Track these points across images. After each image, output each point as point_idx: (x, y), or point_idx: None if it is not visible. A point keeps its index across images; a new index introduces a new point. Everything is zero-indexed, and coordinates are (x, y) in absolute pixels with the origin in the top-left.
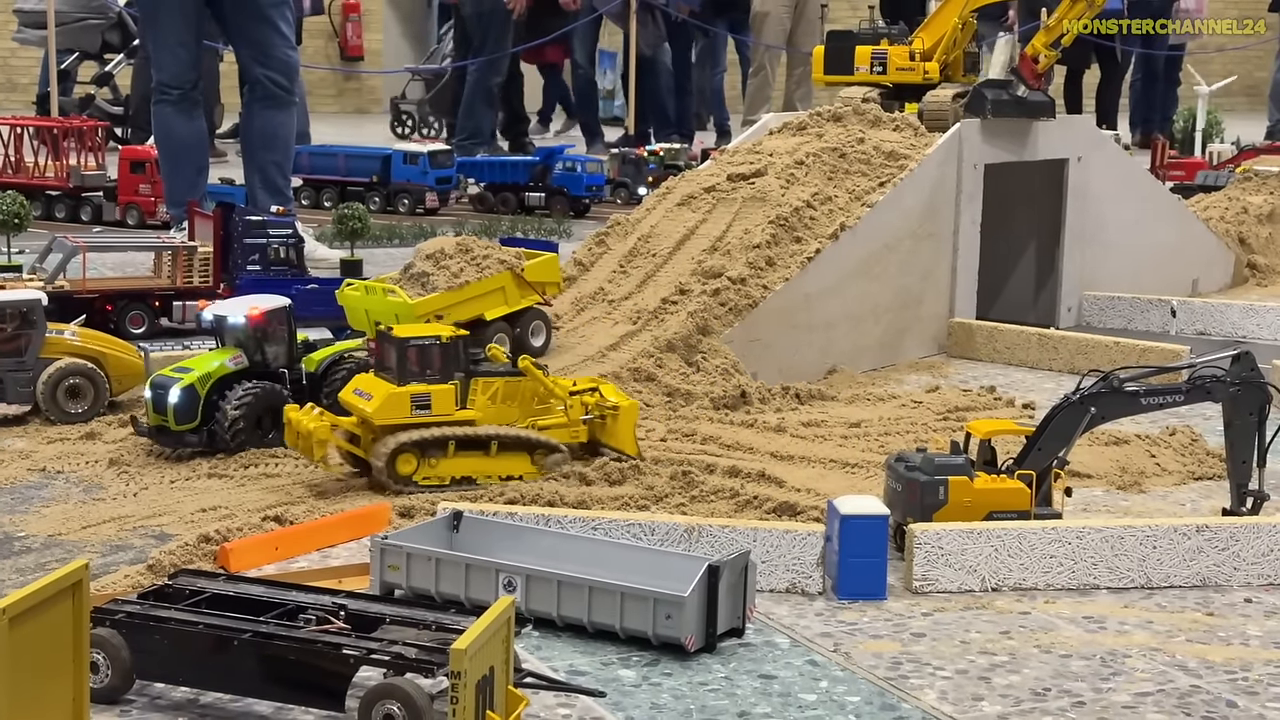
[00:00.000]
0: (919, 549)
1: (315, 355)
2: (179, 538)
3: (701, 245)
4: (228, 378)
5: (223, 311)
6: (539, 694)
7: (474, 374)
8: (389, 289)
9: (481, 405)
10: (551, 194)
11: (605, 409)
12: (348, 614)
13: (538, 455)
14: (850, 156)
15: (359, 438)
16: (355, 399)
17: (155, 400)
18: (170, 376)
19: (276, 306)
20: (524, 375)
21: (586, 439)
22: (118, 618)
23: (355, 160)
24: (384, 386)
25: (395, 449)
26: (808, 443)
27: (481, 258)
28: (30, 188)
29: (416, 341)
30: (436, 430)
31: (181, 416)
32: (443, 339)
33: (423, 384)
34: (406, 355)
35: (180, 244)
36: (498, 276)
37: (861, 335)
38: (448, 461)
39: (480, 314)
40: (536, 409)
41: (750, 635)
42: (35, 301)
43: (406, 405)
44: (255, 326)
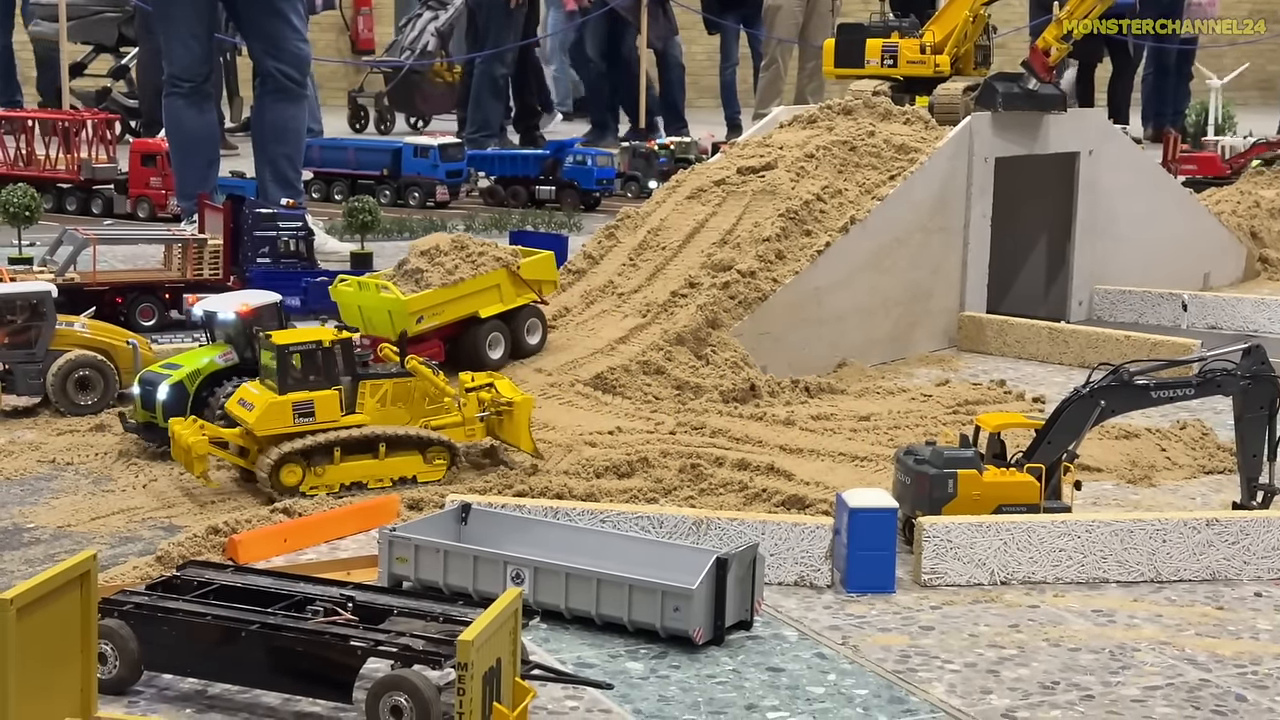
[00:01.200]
0: (928, 542)
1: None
2: (187, 529)
3: (711, 238)
4: (218, 374)
5: (212, 307)
6: (546, 686)
7: (361, 377)
8: (382, 285)
9: (371, 408)
10: (561, 187)
11: (500, 405)
12: (355, 606)
13: (430, 454)
14: (860, 150)
15: (246, 449)
16: (238, 409)
17: (144, 397)
18: (159, 373)
19: (267, 302)
20: (413, 375)
21: (484, 437)
22: (126, 609)
23: (365, 153)
24: (266, 395)
25: (278, 460)
26: (817, 436)
27: (477, 255)
28: (41, 180)
29: (297, 347)
30: (319, 438)
31: (170, 413)
32: (324, 343)
33: (305, 390)
34: (288, 362)
35: (190, 237)
36: (493, 274)
37: (871, 329)
38: (335, 468)
39: (475, 311)
40: (429, 409)
41: (758, 628)
42: (45, 293)
43: (288, 414)
44: (245, 322)
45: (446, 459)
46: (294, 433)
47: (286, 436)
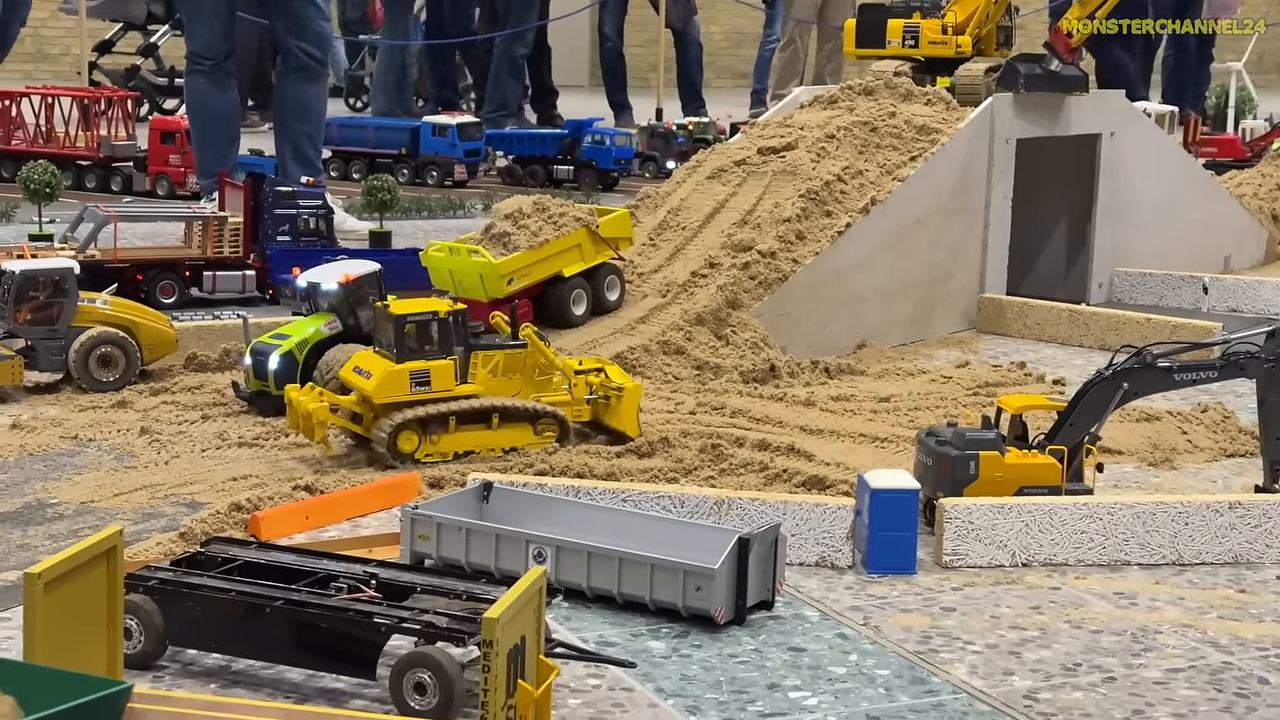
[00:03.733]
0: (949, 523)
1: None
2: (210, 506)
3: (731, 219)
4: (324, 342)
5: (315, 278)
6: (569, 664)
7: (474, 347)
8: (473, 249)
9: (483, 379)
10: (580, 167)
11: (610, 390)
12: (379, 583)
13: (540, 425)
14: (881, 130)
15: (361, 416)
16: (354, 377)
17: (256, 366)
18: (269, 343)
19: (368, 271)
20: (525, 346)
21: (589, 418)
22: (150, 584)
23: (384, 132)
24: (383, 364)
25: (396, 427)
26: (837, 417)
27: (558, 215)
28: (61, 157)
29: (414, 318)
30: (437, 406)
31: (281, 381)
32: (440, 314)
33: (421, 360)
34: (404, 332)
35: (211, 214)
36: (574, 234)
37: (891, 310)
38: (449, 437)
39: (559, 270)
40: (538, 381)
41: (780, 608)
42: (67, 270)
43: (406, 383)
44: (348, 291)
45: (556, 431)
46: (411, 401)
47: (404, 405)
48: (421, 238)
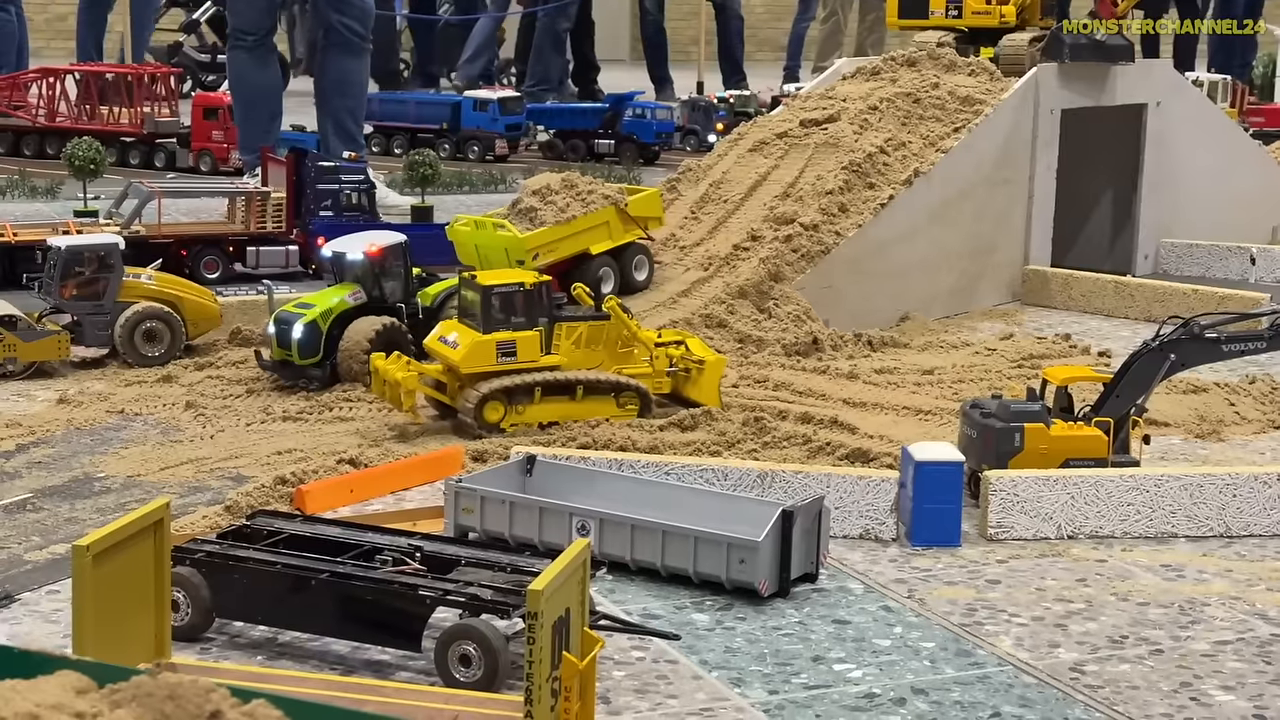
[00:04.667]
0: (994, 496)
1: (430, 290)
2: (255, 479)
3: (773, 191)
4: (348, 313)
5: (341, 248)
6: (614, 636)
7: (558, 318)
8: (499, 224)
9: (566, 350)
10: (621, 141)
11: (691, 363)
12: (423, 555)
13: (623, 398)
14: (924, 102)
15: (445, 384)
16: (441, 346)
17: (280, 335)
18: (293, 312)
19: (394, 242)
20: (608, 318)
21: (669, 390)
22: (197, 557)
23: (425, 107)
24: (470, 334)
25: (483, 397)
26: (880, 390)
27: (586, 193)
28: (105, 134)
29: (501, 288)
30: (523, 377)
31: (305, 351)
32: (526, 285)
33: (507, 331)
34: (491, 302)
35: (254, 190)
36: (602, 211)
37: (935, 282)
38: (534, 407)
39: (586, 248)
40: (620, 353)
41: (824, 580)
42: (113, 246)
43: (492, 353)
44: (373, 262)
45: (637, 404)
46: (498, 371)
47: (491, 374)
48: (464, 212)
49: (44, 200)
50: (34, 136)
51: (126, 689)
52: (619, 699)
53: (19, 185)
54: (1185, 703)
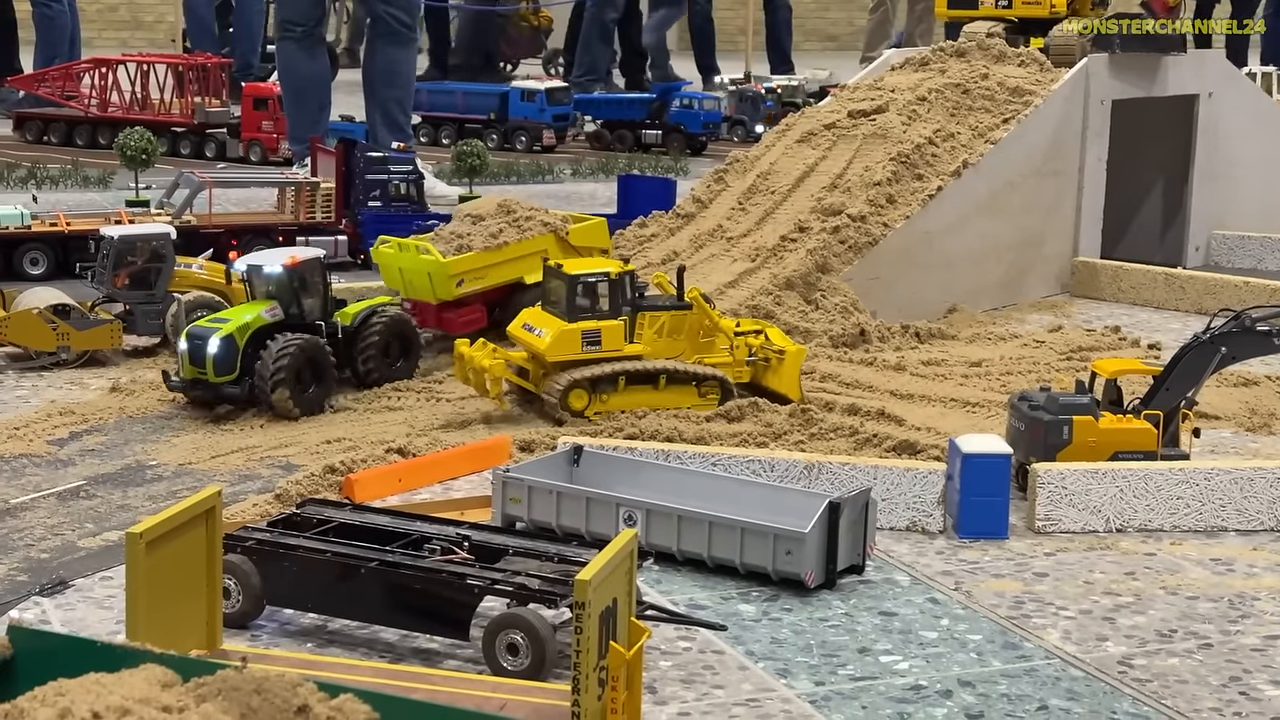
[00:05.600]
0: (1042, 489)
1: (349, 309)
2: (305, 468)
3: (821, 182)
4: (264, 329)
5: (257, 261)
6: (660, 626)
7: (641, 308)
8: (423, 247)
9: (649, 339)
10: (668, 131)
11: (771, 352)
12: (471, 545)
13: (704, 388)
14: (974, 93)
15: (528, 371)
16: (525, 334)
17: (192, 352)
18: (207, 328)
19: (313, 257)
20: (690, 308)
21: (749, 380)
22: (248, 544)
23: (473, 98)
24: (554, 322)
25: (568, 385)
26: (928, 381)
27: (524, 219)
28: (157, 124)
29: (586, 277)
30: (607, 366)
31: (221, 368)
32: (611, 274)
33: (592, 320)
34: (576, 291)
35: (303, 180)
36: (539, 239)
37: (983, 274)
38: (618, 396)
39: (520, 277)
40: (702, 342)
41: (870, 572)
42: (164, 235)
43: (578, 342)
44: (292, 276)
45: (718, 394)
46: (583, 360)
47: (576, 363)
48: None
49: (96, 190)
50: (86, 127)
51: (212, 683)
52: (665, 689)
53: (72, 175)
54: (1234, 697)
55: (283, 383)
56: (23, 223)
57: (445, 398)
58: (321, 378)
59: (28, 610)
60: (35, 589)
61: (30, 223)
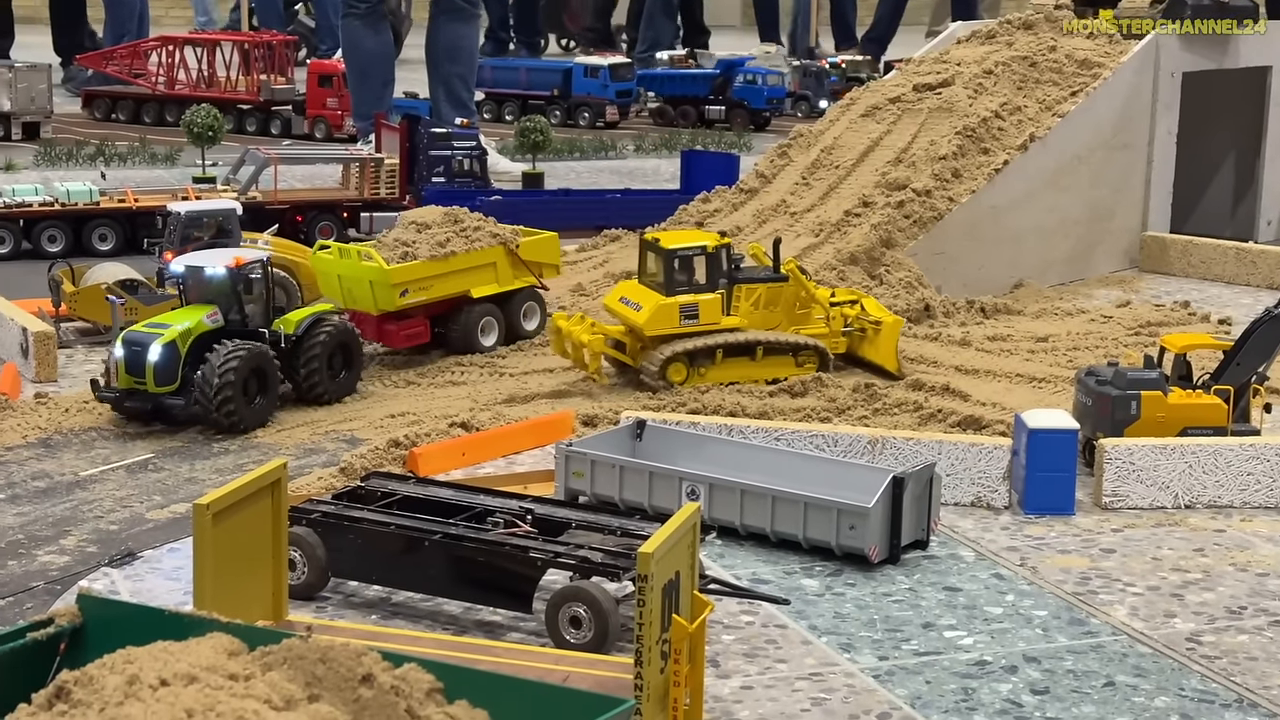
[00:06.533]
0: (1109, 464)
1: (292, 316)
2: (369, 442)
3: (886, 157)
4: (204, 336)
5: (198, 262)
6: (723, 600)
7: (737, 280)
8: (365, 253)
9: (745, 311)
10: (731, 107)
11: (867, 323)
12: (534, 518)
13: (801, 357)
14: (1041, 65)
15: (624, 345)
16: (622, 308)
17: (130, 359)
18: (146, 333)
19: (256, 258)
20: (787, 279)
21: (845, 351)
22: (314, 517)
23: (536, 74)
24: (652, 296)
25: (667, 359)
26: (993, 357)
27: (472, 229)
28: (223, 101)
29: (683, 251)
30: (705, 339)
31: (162, 377)
32: (708, 248)
33: (690, 293)
34: (673, 265)
35: (367, 156)
36: (488, 250)
37: (1050, 249)
38: (716, 369)
39: (466, 290)
40: (798, 314)
41: (934, 547)
42: (231, 211)
43: (675, 316)
44: (237, 278)
45: (816, 362)
46: (681, 334)
47: (674, 337)
48: (574, 179)
49: (164, 167)
50: (154, 104)
51: (278, 652)
52: (728, 663)
53: (139, 152)
54: None
55: (230, 396)
56: (92, 199)
57: (508, 372)
58: (267, 389)
59: (97, 581)
60: (104, 560)
61: (99, 199)
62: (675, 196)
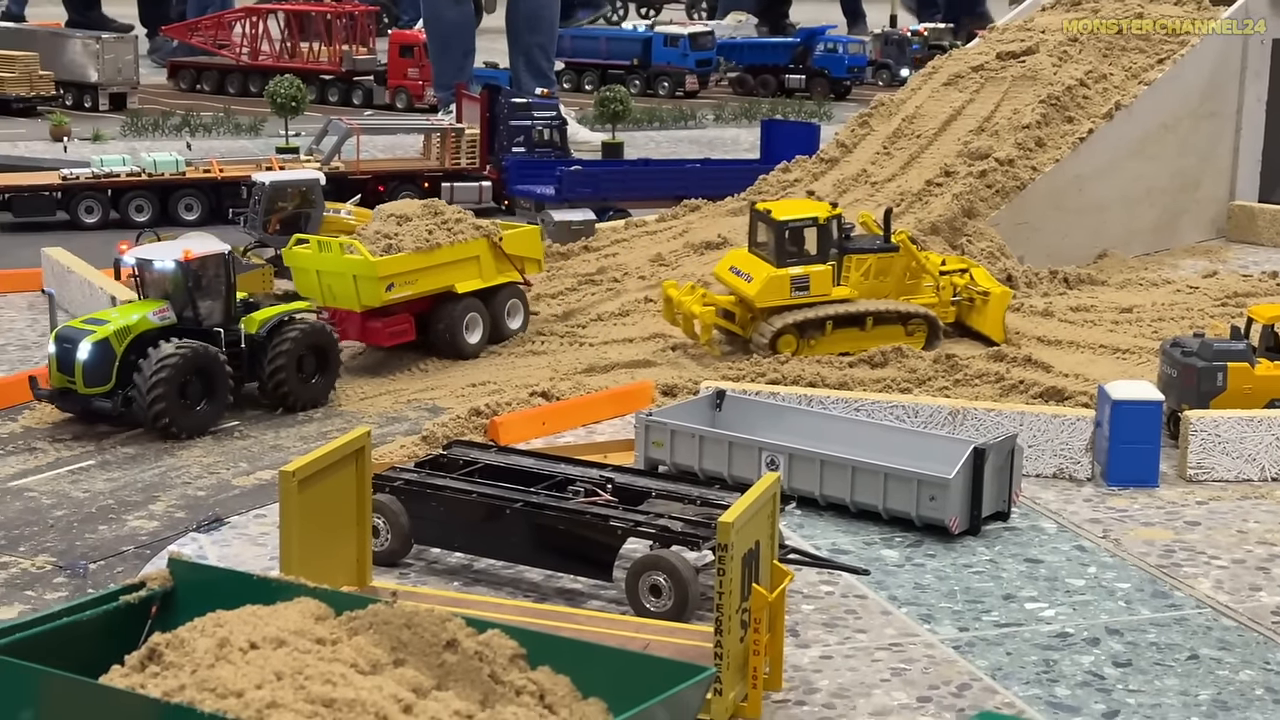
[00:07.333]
0: (1194, 436)
1: (257, 315)
2: (451, 411)
3: (968, 126)
4: (150, 334)
5: (148, 255)
6: (803, 570)
7: (847, 251)
8: (349, 245)
9: (855, 281)
10: (812, 76)
11: (975, 293)
12: (615, 487)
13: (911, 325)
14: (1127, 32)
15: (733, 314)
16: (732, 277)
17: (61, 357)
18: (79, 329)
19: (215, 252)
20: (897, 250)
21: (954, 320)
22: (397, 484)
23: (616, 43)
24: (763, 267)
25: (778, 331)
26: (1076, 328)
27: (454, 221)
28: (305, 72)
29: (794, 222)
30: (816, 311)
31: (92, 377)
32: (820, 219)
33: (800, 265)
34: (784, 237)
35: (448, 126)
36: (472, 243)
37: (1135, 218)
38: (825, 339)
39: (451, 285)
40: (908, 284)
41: (1016, 519)
42: (314, 181)
43: (786, 288)
44: (188, 273)
45: (925, 331)
46: (791, 305)
47: (785, 308)
48: (653, 148)
49: (248, 137)
50: (238, 75)
51: (364, 616)
52: (808, 632)
53: (224, 122)
54: None
55: (161, 397)
56: (178, 169)
57: (588, 342)
58: (214, 392)
59: (185, 546)
60: (192, 525)
61: (185, 169)
62: (755, 166)
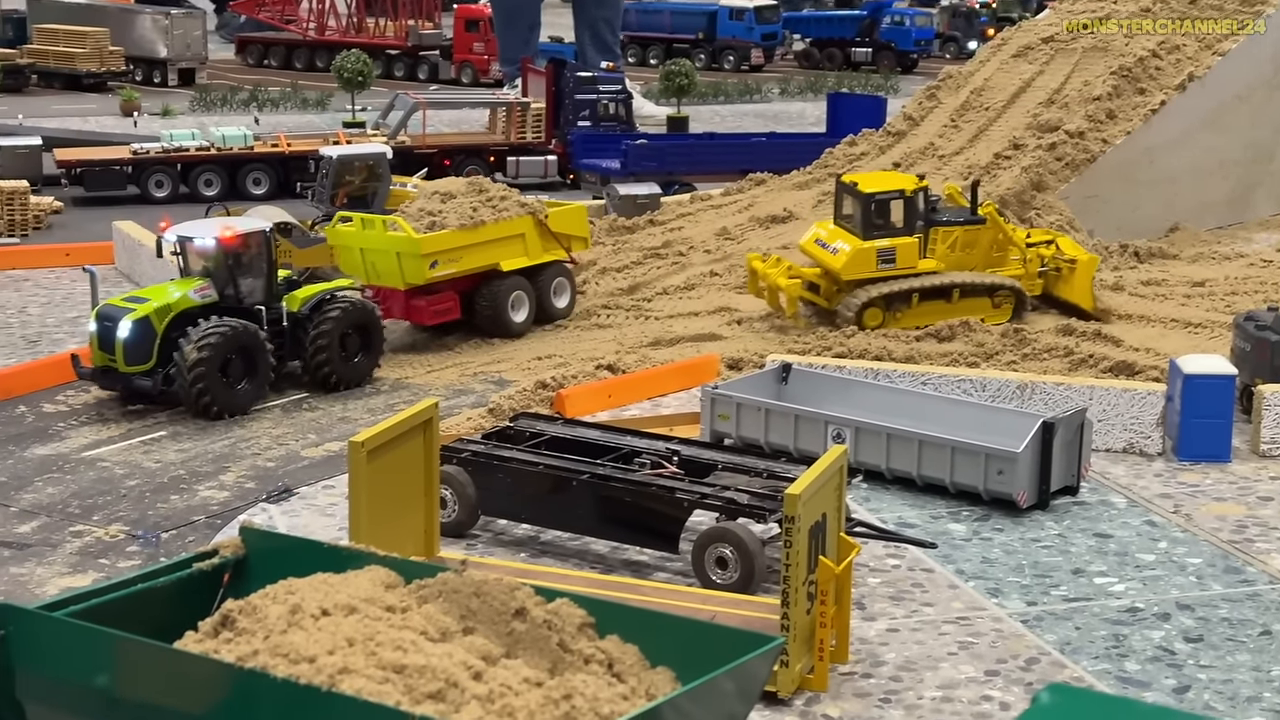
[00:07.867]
0: (1268, 411)
1: (299, 293)
2: (517, 383)
3: (1038, 98)
4: (191, 312)
5: (189, 233)
6: (869, 543)
7: (934, 223)
8: (392, 223)
9: (942, 254)
10: (879, 49)
11: (1062, 262)
12: (681, 460)
13: (997, 298)
14: (1201, 2)
15: (818, 286)
16: (819, 250)
17: (102, 335)
18: (120, 306)
19: (254, 230)
20: (984, 222)
21: (1040, 291)
22: (464, 456)
23: (681, 17)
24: (849, 239)
25: (864, 304)
26: (1147, 301)
27: (498, 199)
28: (371, 47)
29: (881, 195)
30: (902, 283)
31: (133, 355)
32: (906, 192)
33: (887, 237)
34: (871, 209)
35: (514, 100)
36: (518, 221)
37: (1207, 191)
38: (911, 312)
39: (496, 263)
40: (995, 256)
41: (1085, 494)
42: (381, 155)
43: (873, 260)
44: (228, 252)
45: (1012, 303)
46: (878, 278)
47: (871, 281)
48: (718, 122)
49: (314, 112)
50: (304, 50)
51: (433, 585)
52: (874, 605)
53: (291, 97)
54: None
55: (203, 375)
56: (246, 144)
57: (654, 315)
58: (255, 371)
59: (255, 516)
60: (262, 495)
61: (253, 144)
62: (821, 140)
